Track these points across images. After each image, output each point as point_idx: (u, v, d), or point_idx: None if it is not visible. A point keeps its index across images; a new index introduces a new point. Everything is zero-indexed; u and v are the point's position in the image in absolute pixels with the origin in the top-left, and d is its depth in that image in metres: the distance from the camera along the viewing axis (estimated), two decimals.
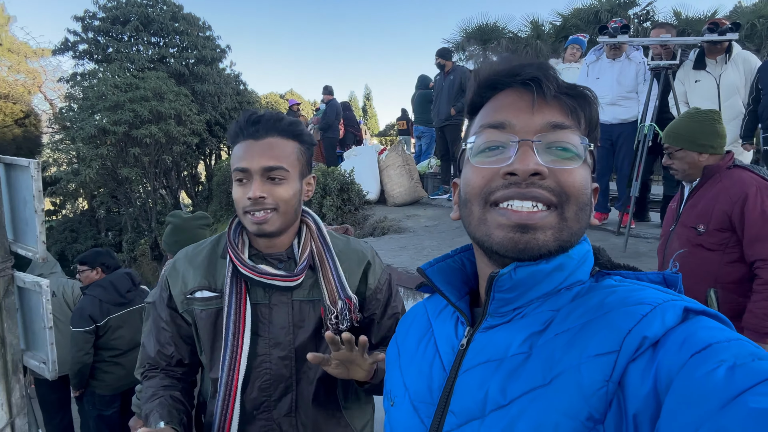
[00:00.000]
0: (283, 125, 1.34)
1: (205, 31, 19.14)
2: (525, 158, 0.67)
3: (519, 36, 14.79)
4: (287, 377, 1.38)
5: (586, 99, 0.73)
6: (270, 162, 1.30)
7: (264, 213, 1.30)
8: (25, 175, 2.01)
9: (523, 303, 0.70)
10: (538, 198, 0.67)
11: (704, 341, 0.53)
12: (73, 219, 20.75)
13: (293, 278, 1.35)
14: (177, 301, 1.43)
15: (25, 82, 22.00)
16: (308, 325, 1.38)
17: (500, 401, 0.64)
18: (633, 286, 0.65)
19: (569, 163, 0.68)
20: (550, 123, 0.69)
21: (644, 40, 4.51)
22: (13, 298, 2.16)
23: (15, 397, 2.19)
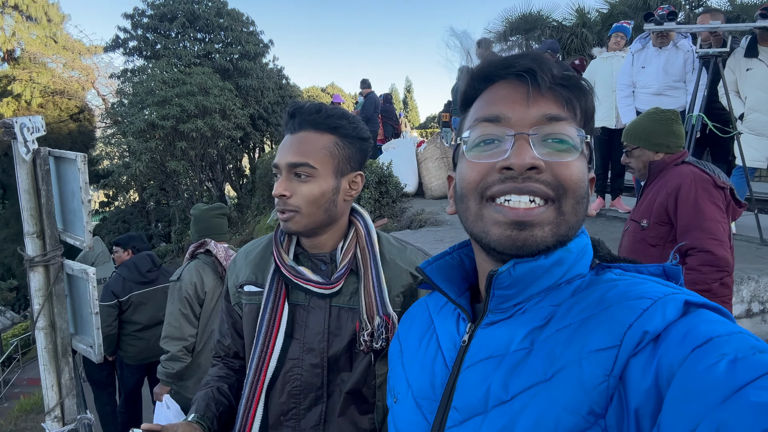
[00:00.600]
0: (319, 117, 1.25)
1: (249, 27, 19.51)
2: (521, 152, 0.66)
3: (564, 24, 14.44)
4: (317, 387, 1.29)
5: (582, 89, 0.71)
6: (295, 158, 1.22)
7: (287, 212, 1.23)
8: (73, 168, 2.10)
9: (523, 299, 0.70)
10: (535, 192, 0.66)
11: (705, 335, 0.52)
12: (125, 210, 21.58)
13: (329, 286, 1.26)
14: (231, 294, 1.42)
15: (79, 78, 22.94)
16: (344, 335, 1.28)
17: (502, 397, 0.64)
18: (634, 280, 0.64)
19: (566, 156, 0.67)
20: (545, 115, 0.68)
21: (692, 27, 4.32)
22: (62, 285, 2.27)
23: (64, 379, 2.31)
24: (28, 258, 2.20)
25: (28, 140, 2.15)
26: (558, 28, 14.31)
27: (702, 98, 4.26)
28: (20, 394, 11.32)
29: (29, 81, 20.69)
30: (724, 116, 4.42)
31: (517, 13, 14.63)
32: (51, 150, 2.22)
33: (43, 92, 21.20)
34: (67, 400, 2.33)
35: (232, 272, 1.44)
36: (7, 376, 13.20)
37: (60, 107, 22.00)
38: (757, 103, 4.30)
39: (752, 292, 3.40)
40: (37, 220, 2.20)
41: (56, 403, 2.31)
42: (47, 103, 21.56)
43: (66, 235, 2.25)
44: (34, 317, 2.25)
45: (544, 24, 14.45)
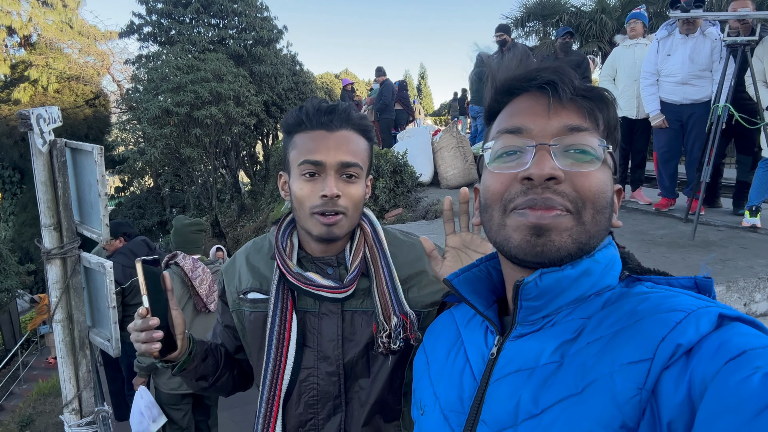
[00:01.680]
0: (357, 119, 1.23)
1: (263, 12, 19.41)
2: (541, 163, 0.68)
3: (582, 10, 14.21)
4: (335, 395, 1.25)
5: (604, 100, 0.72)
6: (347, 157, 1.17)
7: (335, 215, 1.18)
8: (89, 160, 2.07)
9: (552, 310, 0.69)
10: (553, 204, 0.67)
11: (739, 348, 0.52)
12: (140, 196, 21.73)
13: (342, 290, 1.22)
14: (229, 299, 1.37)
15: (95, 64, 23.03)
16: (359, 339, 1.24)
17: (532, 411, 0.63)
18: (666, 293, 0.64)
19: (587, 166, 0.68)
20: (567, 126, 0.69)
21: (720, 15, 4.20)
22: (79, 278, 2.26)
23: (82, 371, 2.30)
24: (45, 250, 2.18)
25: (44, 131, 2.12)
26: (576, 13, 14.09)
27: (729, 88, 4.15)
28: (38, 377, 11.52)
29: (45, 66, 20.79)
30: (751, 107, 4.30)
31: None
32: (68, 141, 2.19)
33: (59, 78, 21.31)
34: (84, 393, 2.33)
35: (231, 276, 1.38)
36: (26, 358, 13.43)
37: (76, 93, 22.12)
38: None
39: None
40: (54, 213, 2.18)
41: (74, 396, 2.31)
42: (63, 89, 21.68)
43: (83, 228, 2.23)
44: (52, 309, 2.24)
45: (562, 9, 14.24)
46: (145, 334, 1.14)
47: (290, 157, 1.23)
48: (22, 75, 20.81)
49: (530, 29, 14.88)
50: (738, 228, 4.47)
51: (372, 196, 7.55)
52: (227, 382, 1.43)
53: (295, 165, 1.20)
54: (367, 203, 1.36)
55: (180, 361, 1.25)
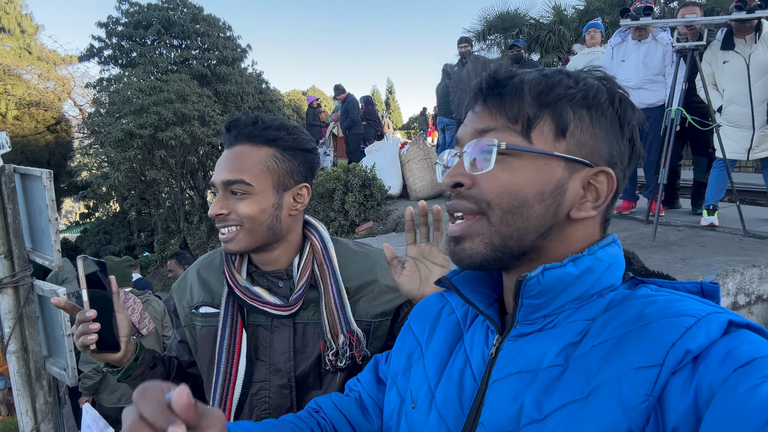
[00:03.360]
0: (255, 130, 1.19)
1: (226, 32, 19.35)
2: (450, 171, 0.71)
3: (541, 23, 14.53)
4: (287, 408, 1.25)
5: (513, 92, 0.69)
6: (229, 175, 1.16)
7: (228, 231, 1.18)
8: (39, 185, 2.02)
9: (553, 309, 0.68)
10: (459, 209, 0.70)
11: (748, 355, 0.51)
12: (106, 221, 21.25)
13: (287, 308, 1.21)
14: (181, 314, 1.35)
15: (55, 89, 22.54)
16: (311, 351, 1.24)
17: (535, 416, 0.61)
18: (673, 296, 0.62)
19: (487, 166, 0.68)
20: (476, 130, 0.71)
21: (668, 21, 4.34)
22: (33, 306, 2.18)
23: (39, 403, 2.22)
24: None
25: None
26: (535, 25, 14.41)
27: (681, 92, 4.28)
28: None
29: (4, 93, 20.28)
30: (702, 109, 4.44)
31: (495, 12, 14.72)
32: (17, 167, 2.13)
33: (18, 104, 20.80)
34: (42, 425, 2.25)
35: (183, 291, 1.36)
36: None
37: (36, 119, 21.60)
38: (735, 95, 4.33)
39: (738, 285, 3.40)
40: (5, 240, 2.11)
41: (32, 429, 2.22)
42: (23, 115, 21.15)
43: (35, 255, 2.16)
44: (5, 341, 2.16)
45: (521, 22, 14.54)
46: (82, 327, 1.11)
47: None
48: None
49: (492, 42, 15.14)
50: (697, 227, 4.59)
51: (342, 211, 7.53)
52: None
53: None
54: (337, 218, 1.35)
55: (125, 366, 1.22)
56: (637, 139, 0.73)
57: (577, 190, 0.68)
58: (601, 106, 0.69)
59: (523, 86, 0.68)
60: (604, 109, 0.69)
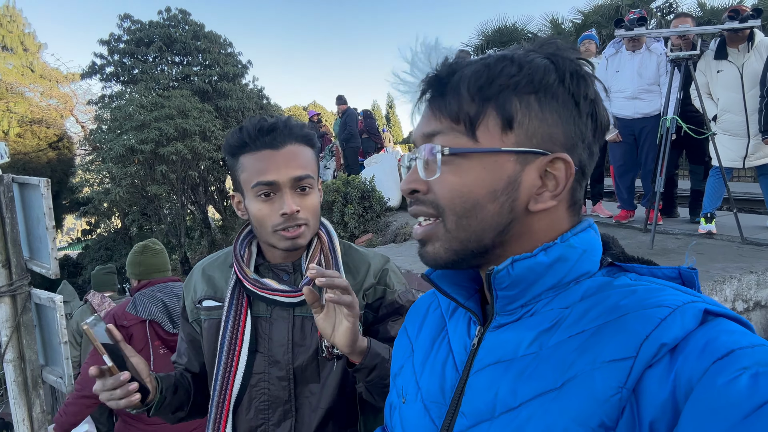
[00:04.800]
0: (300, 131, 1.27)
1: (227, 48, 19.50)
2: (406, 177, 0.72)
3: (539, 36, 14.64)
4: (285, 400, 1.28)
5: (452, 91, 0.66)
6: (299, 171, 1.22)
7: (298, 228, 1.23)
8: (37, 194, 2.04)
9: (529, 298, 0.67)
10: (420, 214, 0.71)
11: (726, 347, 0.51)
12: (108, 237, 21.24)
13: (296, 294, 1.25)
14: (189, 311, 1.40)
15: (57, 106, 22.69)
16: (309, 344, 1.27)
17: (510, 403, 0.62)
18: (651, 286, 0.61)
19: (434, 173, 0.67)
20: (424, 134, 0.70)
21: (662, 32, 4.39)
22: (30, 315, 2.19)
23: (36, 413, 2.22)
24: None
25: None
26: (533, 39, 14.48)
27: (676, 101, 4.31)
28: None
29: (6, 111, 20.42)
30: (697, 118, 4.47)
31: (493, 27, 14.84)
32: (15, 177, 2.15)
33: (21, 122, 20.93)
34: None
35: (189, 288, 1.41)
36: None
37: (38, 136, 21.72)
38: (729, 103, 4.37)
39: (735, 291, 3.40)
40: (3, 249, 2.13)
41: None
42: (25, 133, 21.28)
43: (32, 264, 2.17)
44: (2, 349, 2.17)
45: (519, 36, 14.65)
46: (121, 391, 1.14)
47: (241, 178, 1.26)
48: None
49: None
50: (695, 235, 4.60)
51: (341, 223, 7.55)
52: (203, 405, 1.43)
53: (248, 187, 1.24)
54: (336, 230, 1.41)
55: (155, 402, 1.26)
56: (600, 112, 0.69)
57: (533, 181, 0.66)
58: (550, 88, 0.65)
59: (461, 83, 0.66)
60: (554, 90, 0.65)
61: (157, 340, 2.78)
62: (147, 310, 2.73)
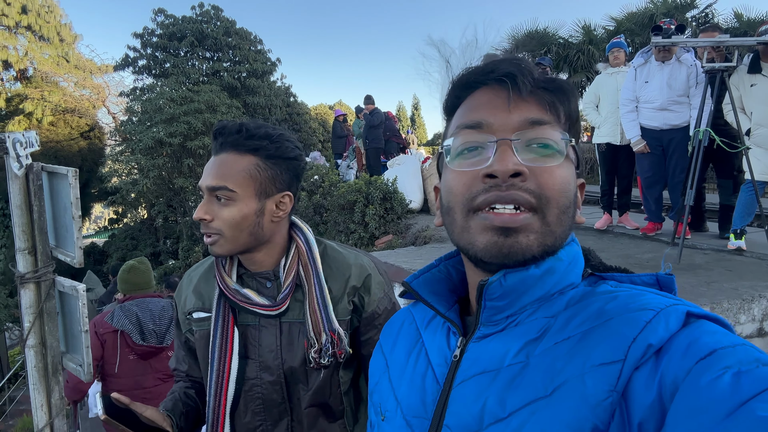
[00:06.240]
0: (239, 138, 1.23)
1: (257, 45, 19.72)
2: (504, 158, 0.64)
3: (570, 42, 14.49)
4: (279, 402, 1.31)
5: (564, 92, 0.69)
6: (213, 181, 1.21)
7: (211, 236, 1.23)
8: (65, 183, 2.07)
9: (515, 310, 0.67)
10: (519, 201, 0.64)
11: (709, 347, 0.52)
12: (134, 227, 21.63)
13: (275, 308, 1.27)
14: (181, 322, 1.42)
15: (90, 96, 23.18)
16: (297, 349, 1.29)
17: (499, 414, 0.61)
18: (633, 291, 0.63)
19: (550, 161, 0.65)
20: (528, 120, 0.66)
21: (697, 41, 4.29)
22: (53, 302, 2.23)
23: (54, 398, 2.26)
24: (19, 275, 2.16)
25: (20, 155, 2.13)
26: (564, 45, 14.36)
27: (709, 113, 4.21)
28: (24, 411, 11.26)
29: (41, 99, 20.93)
30: (727, 131, 4.37)
31: (524, 31, 14.74)
32: (44, 165, 2.19)
33: (54, 110, 21.42)
34: (56, 421, 2.28)
35: (179, 299, 1.43)
36: (12, 393, 13.16)
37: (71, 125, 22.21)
38: (763, 117, 4.26)
39: (764, 310, 3.31)
40: (29, 236, 2.17)
41: (46, 424, 2.26)
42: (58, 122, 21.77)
43: (58, 252, 2.21)
44: (25, 335, 2.21)
45: (550, 41, 14.52)
46: None
47: None
48: (17, 108, 20.92)
49: None
50: (723, 251, 4.48)
51: (362, 223, 7.55)
52: None
53: None
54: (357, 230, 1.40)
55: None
56: None
57: (577, 195, 0.71)
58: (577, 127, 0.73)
59: (571, 89, 0.70)
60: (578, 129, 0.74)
61: (126, 347, 3.28)
62: (120, 322, 3.26)
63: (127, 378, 3.33)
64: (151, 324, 3.35)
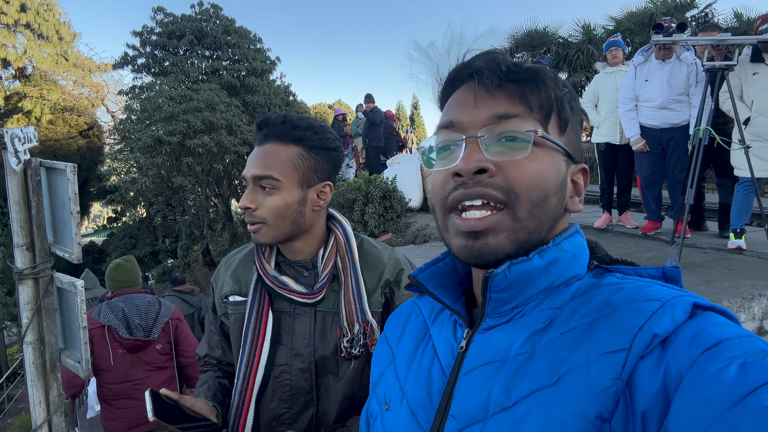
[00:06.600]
0: (284, 129, 1.27)
1: (256, 44, 19.71)
2: (468, 156, 0.66)
3: (570, 41, 14.48)
4: (307, 391, 1.32)
5: (535, 80, 0.68)
6: (259, 170, 1.24)
7: (255, 224, 1.26)
8: (63, 179, 2.06)
9: (521, 301, 0.68)
10: (485, 196, 0.65)
11: (715, 338, 0.52)
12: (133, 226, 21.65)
13: (312, 296, 1.30)
14: (217, 305, 1.45)
15: (89, 95, 23.19)
16: (329, 338, 1.32)
17: (504, 403, 0.62)
18: (639, 283, 0.63)
19: (518, 154, 0.65)
20: (494, 114, 0.67)
21: (699, 40, 4.27)
22: (52, 299, 2.22)
23: (52, 395, 2.24)
24: (17, 271, 2.15)
25: (19, 151, 2.11)
26: (564, 44, 14.36)
27: (709, 111, 4.20)
28: (23, 410, 11.25)
29: (40, 98, 20.92)
30: (727, 130, 4.37)
31: (523, 30, 14.73)
32: (43, 161, 2.18)
33: (53, 109, 21.43)
34: (55, 418, 2.26)
35: (216, 283, 1.47)
36: (11, 391, 13.14)
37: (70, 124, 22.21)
38: (764, 106, 4.24)
39: (764, 309, 3.30)
40: (27, 232, 2.16)
41: (44, 421, 2.24)
42: (57, 120, 21.77)
43: (56, 248, 2.20)
44: (23, 331, 2.20)
45: (549, 41, 14.52)
46: None
47: None
48: (16, 106, 20.92)
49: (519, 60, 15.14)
50: (723, 250, 4.48)
51: (361, 222, 7.55)
52: None
53: None
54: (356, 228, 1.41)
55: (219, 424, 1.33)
56: None
57: (570, 184, 0.71)
58: (577, 109, 0.74)
59: (546, 76, 0.68)
60: (578, 112, 0.74)
61: (115, 342, 3.38)
62: (107, 317, 3.36)
63: (117, 371, 3.43)
64: (138, 318, 3.45)
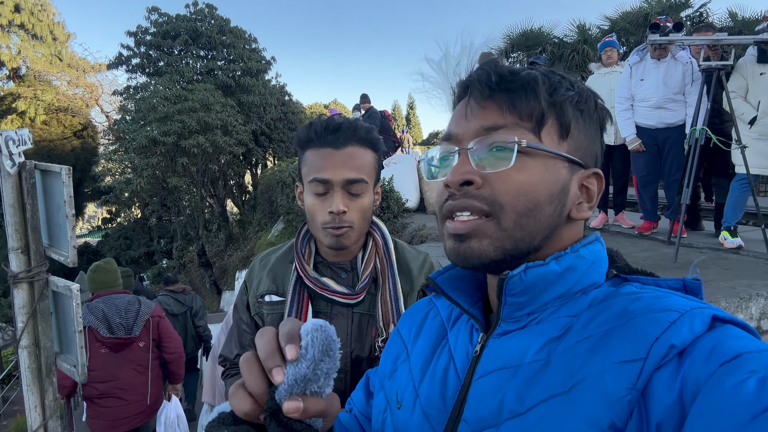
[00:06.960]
0: (363, 133, 1.30)
1: (251, 44, 19.66)
2: (456, 168, 0.68)
3: (565, 41, 14.50)
4: (341, 391, 1.26)
5: (525, 88, 0.68)
6: (352, 174, 1.26)
7: (343, 228, 1.27)
8: (58, 182, 2.04)
9: (536, 306, 0.68)
10: (470, 208, 0.67)
11: (734, 351, 0.51)
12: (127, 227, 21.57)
13: (354, 296, 1.32)
14: (251, 304, 1.45)
15: (84, 95, 23.09)
16: (365, 340, 1.34)
17: (517, 409, 0.61)
18: (657, 293, 0.62)
19: (503, 165, 0.66)
20: (482, 126, 0.68)
21: (696, 39, 4.28)
22: (47, 302, 2.20)
23: (48, 400, 2.22)
24: (12, 274, 2.13)
25: (13, 153, 2.10)
26: (559, 44, 14.37)
27: (705, 111, 4.20)
28: (18, 412, 11.16)
29: (34, 98, 20.83)
30: (724, 130, 4.36)
31: (518, 30, 14.72)
32: (37, 164, 2.16)
33: (47, 109, 21.33)
34: (50, 422, 2.25)
35: (250, 282, 1.48)
36: (6, 393, 13.05)
37: (64, 124, 22.12)
38: None
39: (762, 309, 3.30)
40: (22, 235, 2.14)
41: (39, 425, 2.23)
42: (51, 121, 21.68)
43: (51, 251, 2.18)
44: (18, 335, 2.18)
45: (545, 40, 14.52)
46: None
47: (303, 171, 1.33)
48: (10, 107, 20.81)
49: (514, 60, 15.14)
50: (720, 250, 4.48)
51: None
52: None
53: (307, 180, 1.30)
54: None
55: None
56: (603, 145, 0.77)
57: (576, 191, 0.70)
58: (590, 110, 0.72)
59: (537, 83, 0.67)
60: (592, 113, 0.72)
61: (97, 342, 3.45)
62: (86, 318, 3.40)
63: (101, 371, 3.45)
64: (118, 318, 3.51)
